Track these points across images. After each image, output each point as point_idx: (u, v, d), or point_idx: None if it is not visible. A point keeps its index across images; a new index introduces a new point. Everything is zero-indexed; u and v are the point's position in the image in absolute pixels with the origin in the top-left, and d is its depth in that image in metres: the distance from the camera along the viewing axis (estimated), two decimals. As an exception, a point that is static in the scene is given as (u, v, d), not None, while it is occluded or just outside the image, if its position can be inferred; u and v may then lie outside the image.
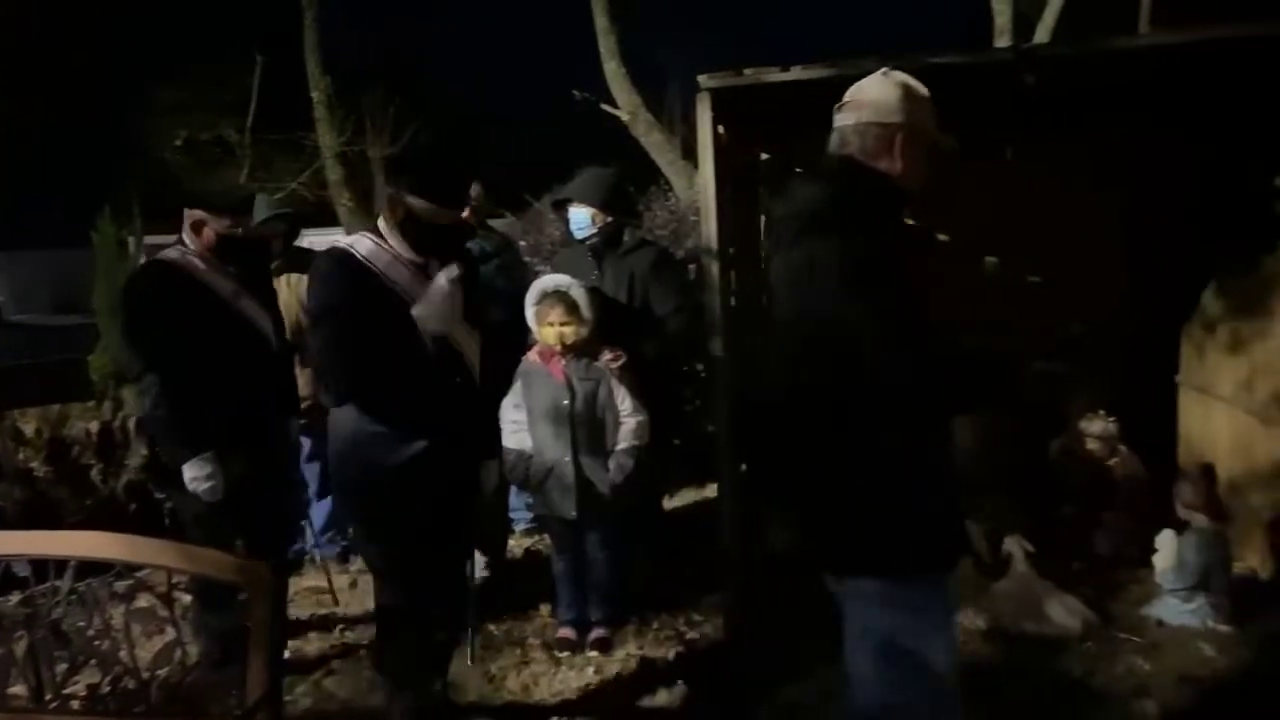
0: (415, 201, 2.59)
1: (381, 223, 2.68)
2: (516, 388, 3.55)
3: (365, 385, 2.62)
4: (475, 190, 4.42)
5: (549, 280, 3.60)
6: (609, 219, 3.86)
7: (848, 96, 2.16)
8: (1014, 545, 3.82)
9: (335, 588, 4.25)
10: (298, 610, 4.08)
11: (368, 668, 3.43)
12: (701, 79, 3.56)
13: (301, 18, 11.07)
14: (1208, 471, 4.19)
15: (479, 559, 3.87)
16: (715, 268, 3.56)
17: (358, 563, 4.67)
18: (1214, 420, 4.41)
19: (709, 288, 3.60)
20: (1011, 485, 4.65)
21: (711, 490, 4.57)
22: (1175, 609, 3.57)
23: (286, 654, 3.55)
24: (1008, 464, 4.76)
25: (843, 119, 2.13)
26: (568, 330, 3.46)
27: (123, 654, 2.02)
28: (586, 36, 8.03)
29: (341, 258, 2.65)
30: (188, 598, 3.32)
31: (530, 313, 3.56)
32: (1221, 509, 3.69)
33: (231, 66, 15.20)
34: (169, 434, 3.13)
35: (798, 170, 2.29)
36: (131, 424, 5.13)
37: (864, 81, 2.16)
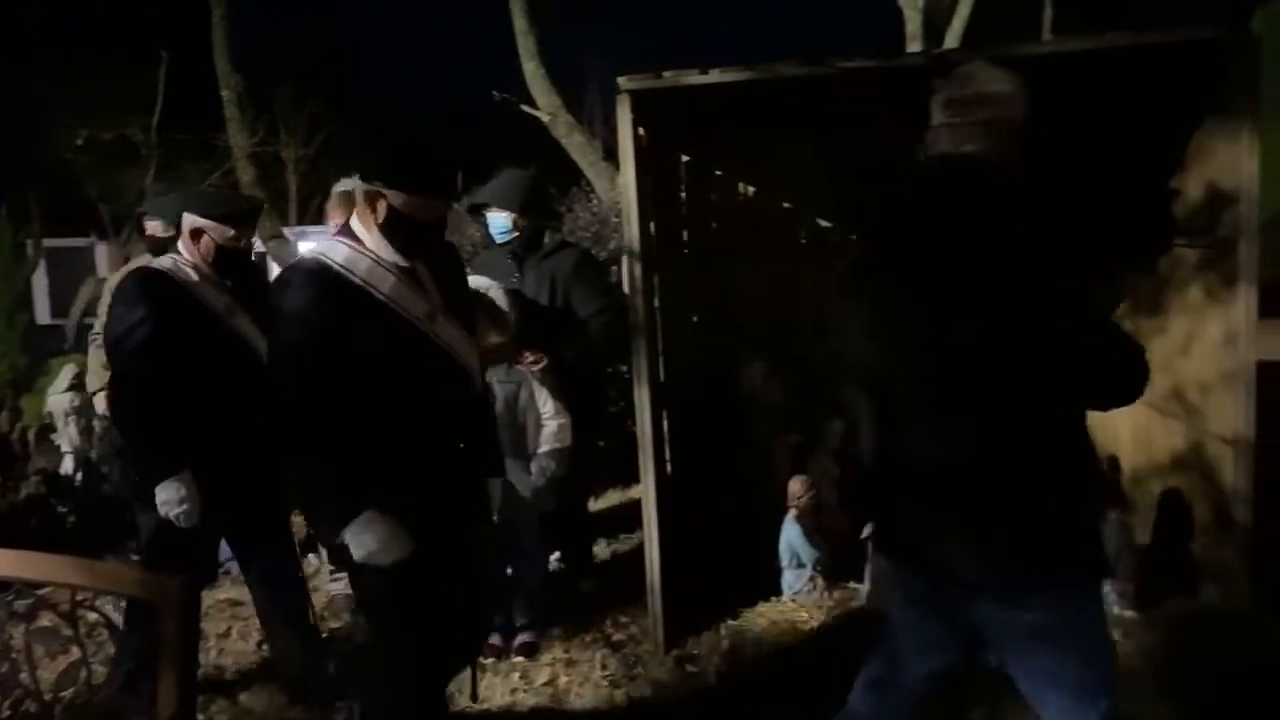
0: (399, 196, 2.25)
1: (355, 224, 2.32)
2: None
3: (353, 422, 2.24)
4: None
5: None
6: (528, 222, 3.84)
7: (965, 90, 2.03)
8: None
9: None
10: (213, 625, 3.96)
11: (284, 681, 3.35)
12: (621, 81, 3.56)
13: (210, 13, 10.74)
14: (1111, 463, 4.37)
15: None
16: (639, 269, 3.57)
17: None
18: (1115, 414, 4.58)
19: (633, 289, 3.61)
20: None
21: (637, 491, 4.58)
22: (1083, 596, 3.70)
23: (201, 670, 3.44)
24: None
25: (966, 115, 2.00)
26: (488, 333, 3.42)
27: (23, 676, 1.94)
28: (508, 36, 7.99)
29: (316, 270, 2.27)
30: (93, 615, 3.19)
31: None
32: (1125, 498, 3.84)
33: (136, 63, 14.70)
34: (144, 451, 2.94)
35: (925, 176, 2.13)
36: (32, 435, 4.92)
37: (979, 74, 2.04)
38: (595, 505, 5.17)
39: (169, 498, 2.86)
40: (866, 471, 2.28)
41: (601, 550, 4.59)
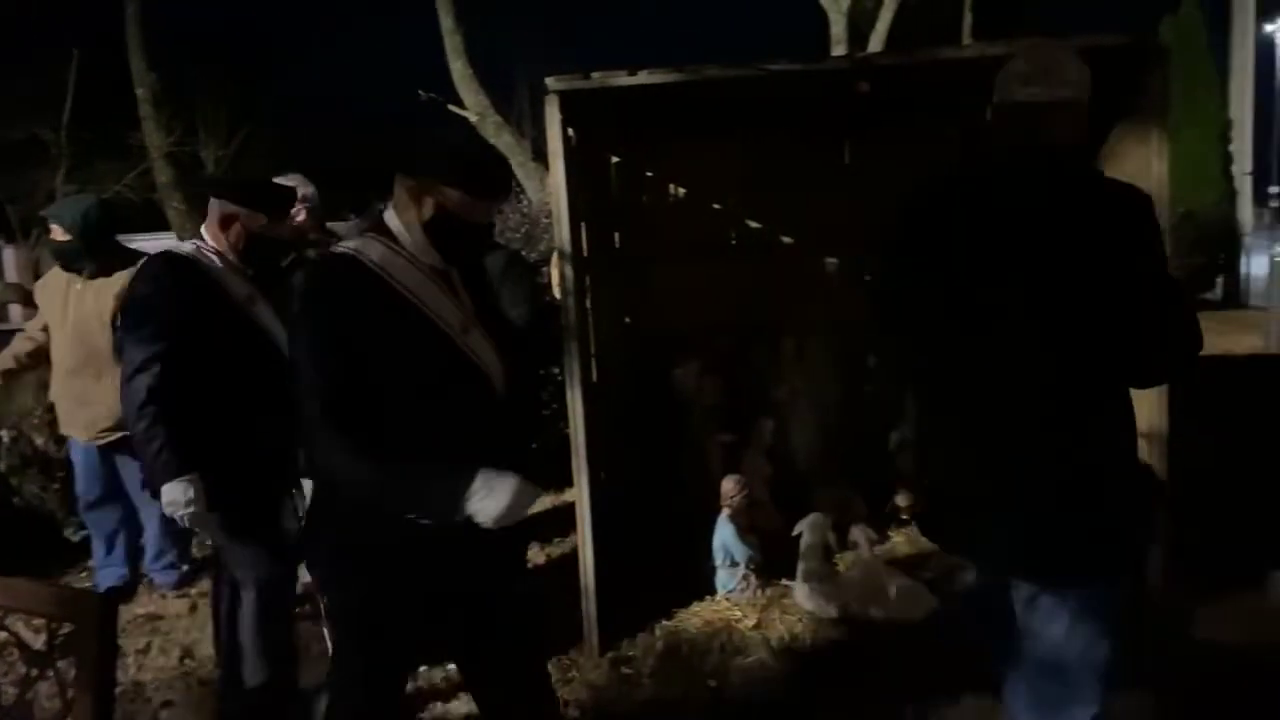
0: (453, 194, 2.07)
1: (392, 221, 2.13)
2: None
3: (380, 428, 2.01)
4: (310, 191, 4.25)
5: None
6: None
7: (1035, 67, 2.01)
8: (859, 534, 3.97)
9: (174, 613, 4.02)
10: (132, 640, 3.84)
11: (210, 697, 3.26)
12: (549, 81, 3.55)
13: (124, 8, 10.41)
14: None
15: None
16: (570, 270, 3.55)
17: (199, 586, 4.43)
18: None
19: (564, 290, 3.60)
20: (855, 475, 4.85)
21: (570, 494, 4.56)
22: (1007, 587, 3.80)
23: (119, 687, 3.32)
24: (851, 454, 4.97)
25: (1037, 93, 1.98)
26: None
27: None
28: (436, 35, 7.90)
29: (350, 262, 2.06)
30: (2, 634, 3.06)
31: None
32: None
33: (46, 60, 14.16)
34: (153, 446, 2.76)
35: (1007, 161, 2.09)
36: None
37: (1046, 55, 2.03)
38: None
39: (175, 497, 2.73)
40: (926, 460, 2.25)
41: (534, 554, 4.56)
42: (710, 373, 5.09)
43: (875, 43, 9.25)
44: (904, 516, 4.66)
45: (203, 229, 2.96)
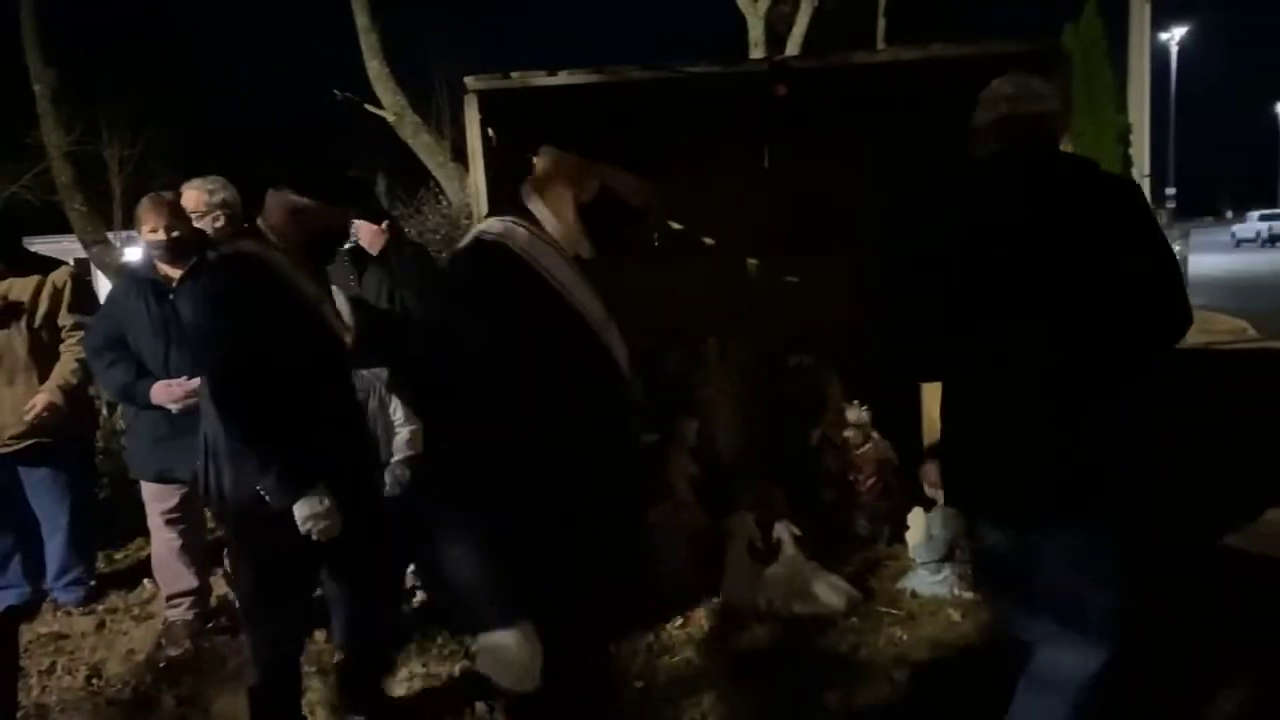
0: (619, 174, 1.89)
1: (538, 205, 1.92)
2: None
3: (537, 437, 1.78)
4: (230, 194, 4.13)
5: None
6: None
7: (1020, 89, 2.23)
8: (783, 530, 4.02)
9: (80, 632, 3.86)
10: (35, 661, 3.67)
11: (119, 717, 3.14)
12: (468, 80, 3.51)
13: (18, 1, 9.96)
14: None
15: None
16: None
17: (106, 602, 4.27)
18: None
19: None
20: (777, 473, 4.91)
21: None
22: (926, 581, 3.89)
23: (21, 711, 3.18)
24: (773, 453, 5.03)
25: (1036, 106, 2.21)
26: None
27: None
28: (353, 33, 7.75)
29: (503, 253, 1.82)
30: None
31: None
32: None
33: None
34: (274, 466, 2.51)
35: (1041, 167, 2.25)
36: None
37: (1022, 78, 2.27)
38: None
39: (311, 511, 2.53)
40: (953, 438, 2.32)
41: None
42: (633, 373, 5.08)
43: (792, 46, 9.39)
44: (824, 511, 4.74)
45: (260, 223, 2.71)
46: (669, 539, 3.98)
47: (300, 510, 2.53)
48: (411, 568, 4.09)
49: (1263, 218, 38.63)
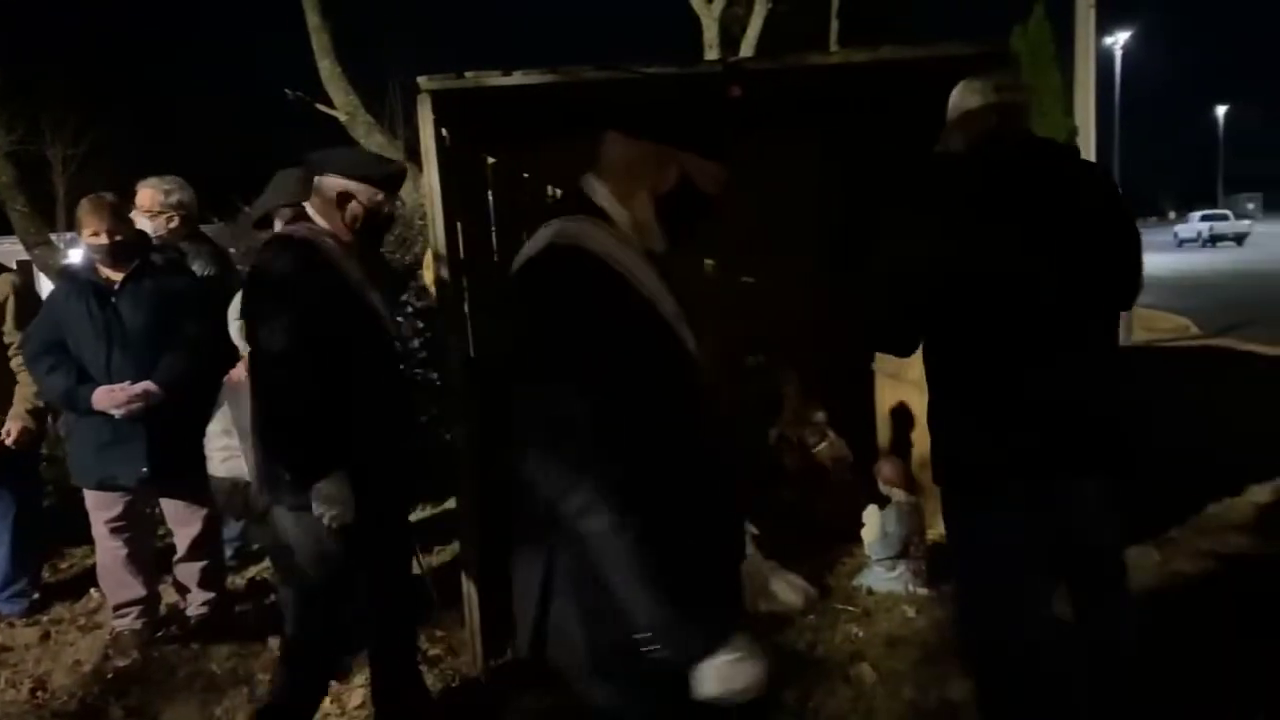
0: (697, 162, 1.73)
1: (609, 199, 1.73)
2: (223, 412, 3.28)
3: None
4: (186, 195, 4.06)
5: None
6: None
7: (1008, 79, 2.43)
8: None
9: (24, 644, 3.75)
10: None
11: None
12: (421, 80, 3.47)
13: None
14: (902, 450, 4.66)
15: None
16: (447, 273, 3.49)
17: (51, 613, 4.17)
18: (905, 402, 4.90)
19: (442, 293, 3.53)
20: (736, 472, 4.93)
21: (452, 502, 4.48)
22: (882, 577, 3.93)
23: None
24: (730, 451, 5.05)
25: (1019, 97, 2.40)
26: None
27: None
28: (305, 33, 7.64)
29: (585, 259, 1.62)
30: None
31: (234, 328, 3.29)
32: (915, 483, 4.10)
33: None
34: (302, 443, 2.53)
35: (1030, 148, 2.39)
36: None
37: (996, 75, 2.44)
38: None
39: (331, 493, 2.53)
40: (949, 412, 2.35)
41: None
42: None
43: (746, 48, 9.44)
44: (781, 510, 4.77)
45: (308, 209, 2.72)
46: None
47: (318, 492, 2.53)
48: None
49: (1204, 218, 39.68)
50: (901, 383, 4.92)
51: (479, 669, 3.43)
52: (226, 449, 3.27)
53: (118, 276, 3.55)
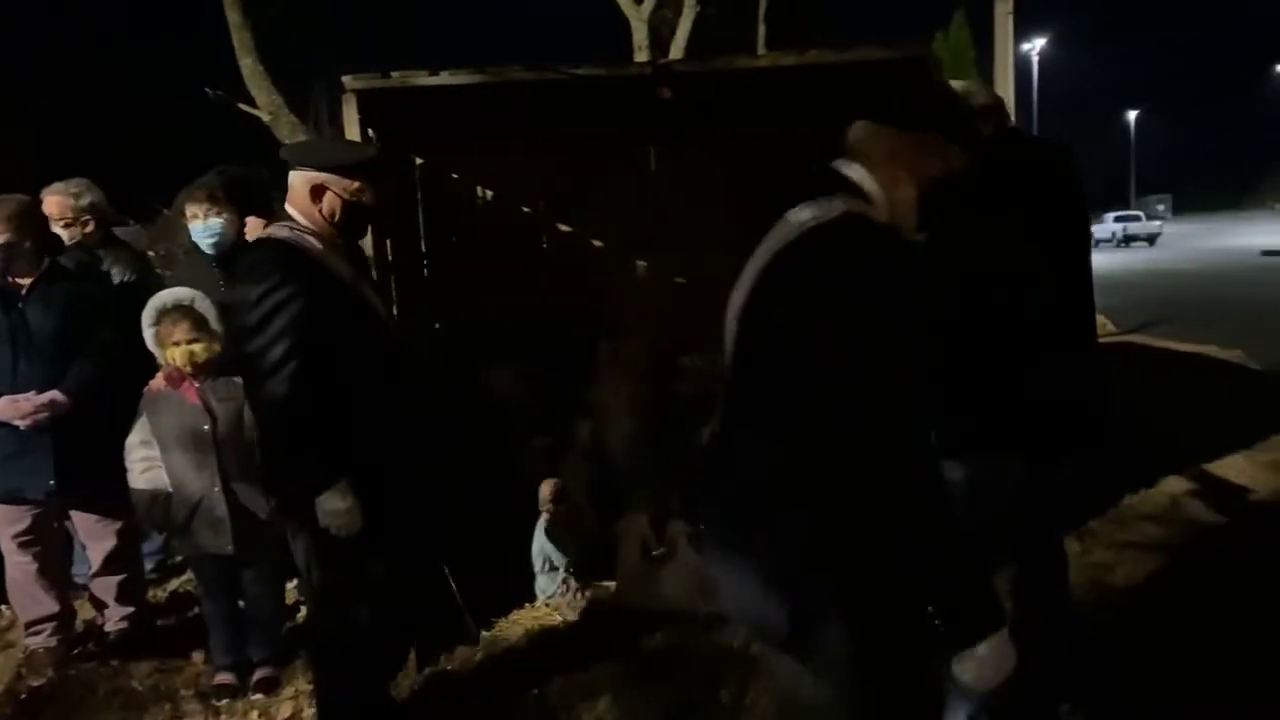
0: (949, 149, 1.74)
1: (874, 187, 1.70)
2: (141, 423, 3.19)
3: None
4: (96, 196, 3.91)
5: (168, 295, 3.23)
6: (231, 223, 3.55)
7: (970, 87, 2.54)
8: (677, 529, 4.04)
9: None
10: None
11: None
12: (346, 80, 3.42)
13: None
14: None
15: None
16: (375, 275, 3.43)
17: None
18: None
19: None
20: (671, 472, 4.94)
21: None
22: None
23: None
24: (667, 452, 5.06)
25: (986, 100, 2.46)
26: (198, 348, 3.14)
27: None
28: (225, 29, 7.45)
29: (879, 234, 1.64)
30: None
31: (149, 335, 3.19)
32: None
33: None
34: (304, 454, 2.47)
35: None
36: None
37: (960, 84, 2.55)
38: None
39: (336, 505, 2.48)
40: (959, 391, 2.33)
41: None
42: (525, 377, 5.05)
43: (675, 51, 9.48)
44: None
45: (287, 208, 2.62)
46: (563, 541, 3.96)
47: (321, 505, 2.49)
48: (293, 583, 3.97)
49: (1118, 219, 41.04)
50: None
51: (414, 673, 3.37)
52: (146, 460, 3.18)
53: (25, 281, 3.41)
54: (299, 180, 2.60)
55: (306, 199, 2.60)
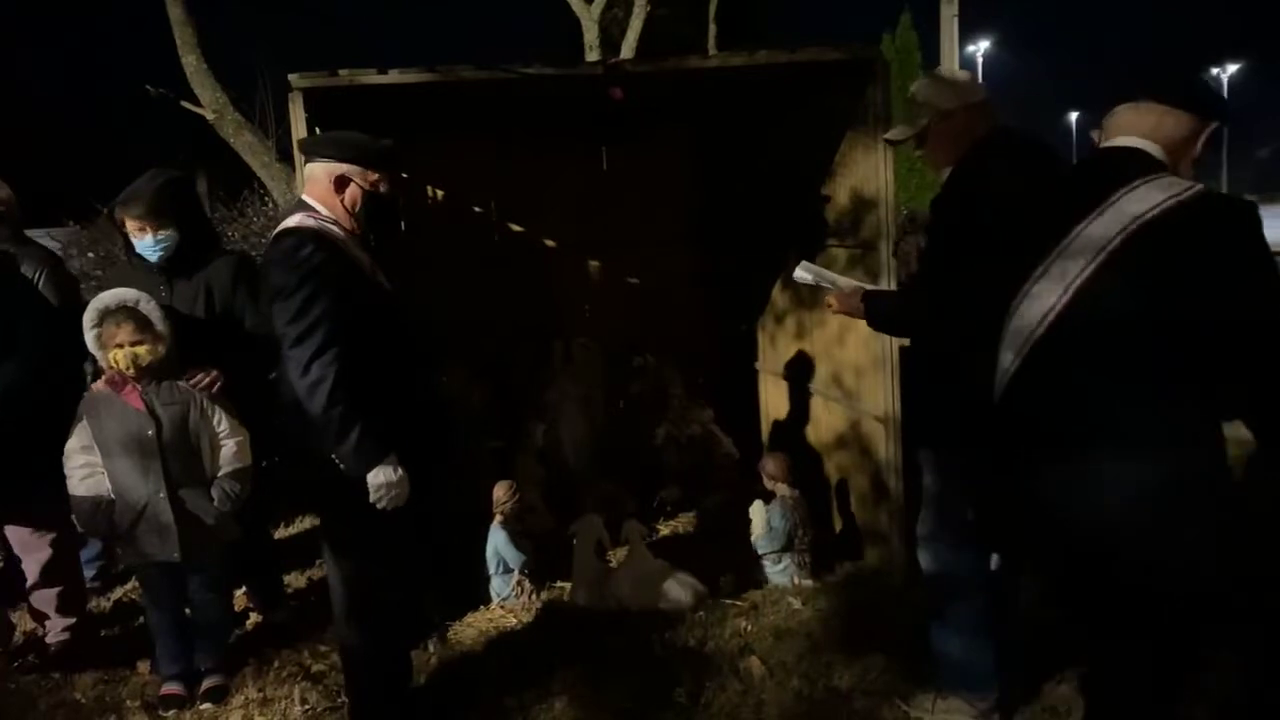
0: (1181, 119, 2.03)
1: (1170, 163, 2.04)
2: (81, 427, 3.09)
3: None
4: (3, 192, 3.77)
5: (110, 297, 3.12)
6: (180, 234, 3.42)
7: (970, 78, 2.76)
8: (631, 529, 4.05)
9: None
10: None
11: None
12: (293, 78, 3.37)
13: None
14: (785, 446, 4.76)
15: None
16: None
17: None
18: (787, 400, 5.02)
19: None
20: (624, 472, 4.95)
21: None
22: (769, 571, 4.01)
23: None
24: (620, 452, 5.07)
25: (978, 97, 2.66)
26: (142, 350, 3.06)
27: None
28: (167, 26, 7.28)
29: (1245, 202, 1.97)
30: None
31: (91, 337, 3.10)
32: (796, 478, 4.18)
33: None
34: (352, 433, 2.54)
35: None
36: None
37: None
38: (284, 532, 4.85)
39: (385, 479, 2.60)
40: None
41: (294, 578, 4.30)
42: (478, 378, 5.02)
43: (626, 50, 9.48)
44: (669, 509, 4.83)
45: (305, 197, 2.67)
46: (517, 542, 3.94)
47: (374, 479, 2.58)
48: (243, 589, 3.90)
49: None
50: (783, 380, 5.03)
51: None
52: (88, 465, 3.10)
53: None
54: (321, 171, 2.69)
55: (330, 190, 2.68)
